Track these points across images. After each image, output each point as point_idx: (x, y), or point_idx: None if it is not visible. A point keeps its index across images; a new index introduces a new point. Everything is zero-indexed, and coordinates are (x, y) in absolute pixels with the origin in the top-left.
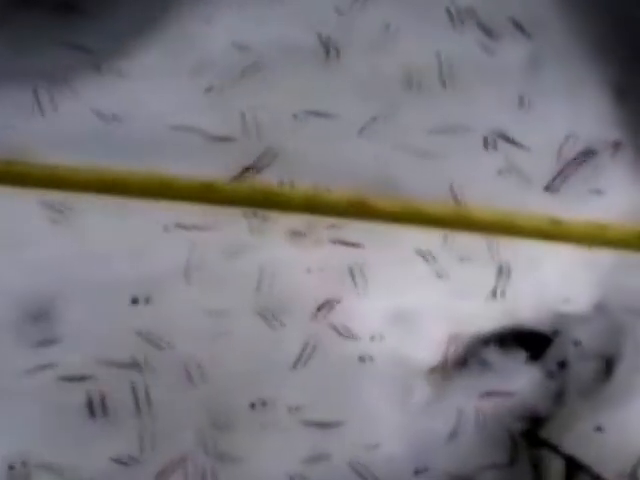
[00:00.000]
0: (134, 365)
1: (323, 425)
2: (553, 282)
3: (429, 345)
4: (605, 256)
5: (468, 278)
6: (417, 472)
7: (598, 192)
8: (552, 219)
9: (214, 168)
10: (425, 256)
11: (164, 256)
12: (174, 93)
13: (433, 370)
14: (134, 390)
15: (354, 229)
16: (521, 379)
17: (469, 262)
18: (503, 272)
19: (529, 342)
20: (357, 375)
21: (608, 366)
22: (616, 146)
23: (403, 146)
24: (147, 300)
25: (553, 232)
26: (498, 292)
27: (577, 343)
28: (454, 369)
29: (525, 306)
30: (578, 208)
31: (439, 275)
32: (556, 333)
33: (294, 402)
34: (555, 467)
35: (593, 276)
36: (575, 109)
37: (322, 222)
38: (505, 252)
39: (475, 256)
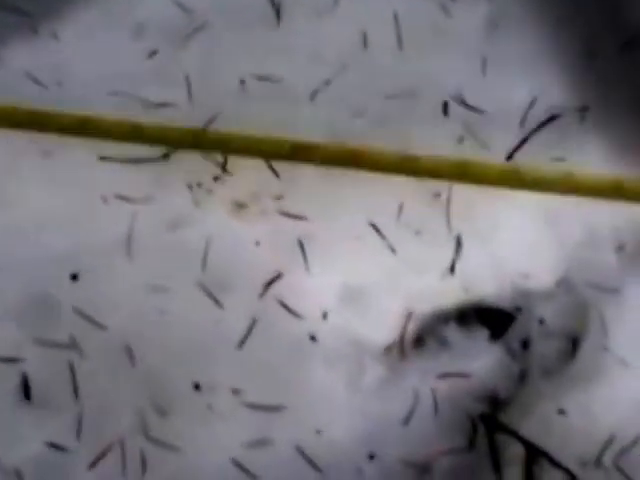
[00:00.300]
0: (71, 345)
1: (268, 408)
2: (513, 256)
3: (383, 323)
4: (568, 230)
5: (424, 252)
6: (370, 457)
7: (562, 160)
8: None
9: None
10: (378, 229)
11: (103, 229)
12: (114, 57)
13: (388, 350)
14: (71, 371)
15: (302, 200)
16: (482, 359)
17: (424, 235)
18: (461, 246)
19: (491, 320)
20: (306, 355)
21: (572, 345)
22: (582, 111)
23: (357, 111)
24: (85, 275)
25: (514, 179)
26: (456, 266)
27: (541, 321)
28: (410, 349)
29: (484, 282)
30: None
31: (393, 249)
32: (518, 310)
33: (238, 384)
34: (514, 453)
35: (556, 250)
36: (538, 74)
37: (267, 192)
38: (462, 225)
39: (431, 229)
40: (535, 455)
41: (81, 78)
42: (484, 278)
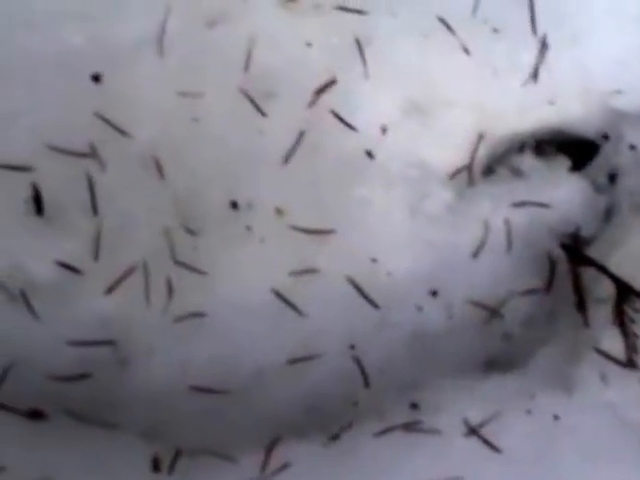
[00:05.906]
0: (90, 154)
1: (316, 232)
2: (604, 66)
3: (451, 142)
4: None
5: (502, 54)
6: (433, 294)
7: None
8: None
9: None
10: (449, 25)
11: (131, 22)
12: None
13: (454, 173)
14: (89, 183)
15: None
16: (562, 190)
17: (504, 33)
18: (546, 48)
19: (572, 148)
20: (361, 174)
21: None
22: None
23: None
24: (109, 76)
25: None
26: (538, 74)
27: (632, 147)
28: (480, 176)
29: (570, 96)
30: None
31: (466, 49)
32: (605, 138)
33: (282, 203)
34: (602, 292)
35: None
36: None
37: None
38: (549, 22)
39: (512, 26)
40: (627, 293)
41: None
42: (570, 91)
